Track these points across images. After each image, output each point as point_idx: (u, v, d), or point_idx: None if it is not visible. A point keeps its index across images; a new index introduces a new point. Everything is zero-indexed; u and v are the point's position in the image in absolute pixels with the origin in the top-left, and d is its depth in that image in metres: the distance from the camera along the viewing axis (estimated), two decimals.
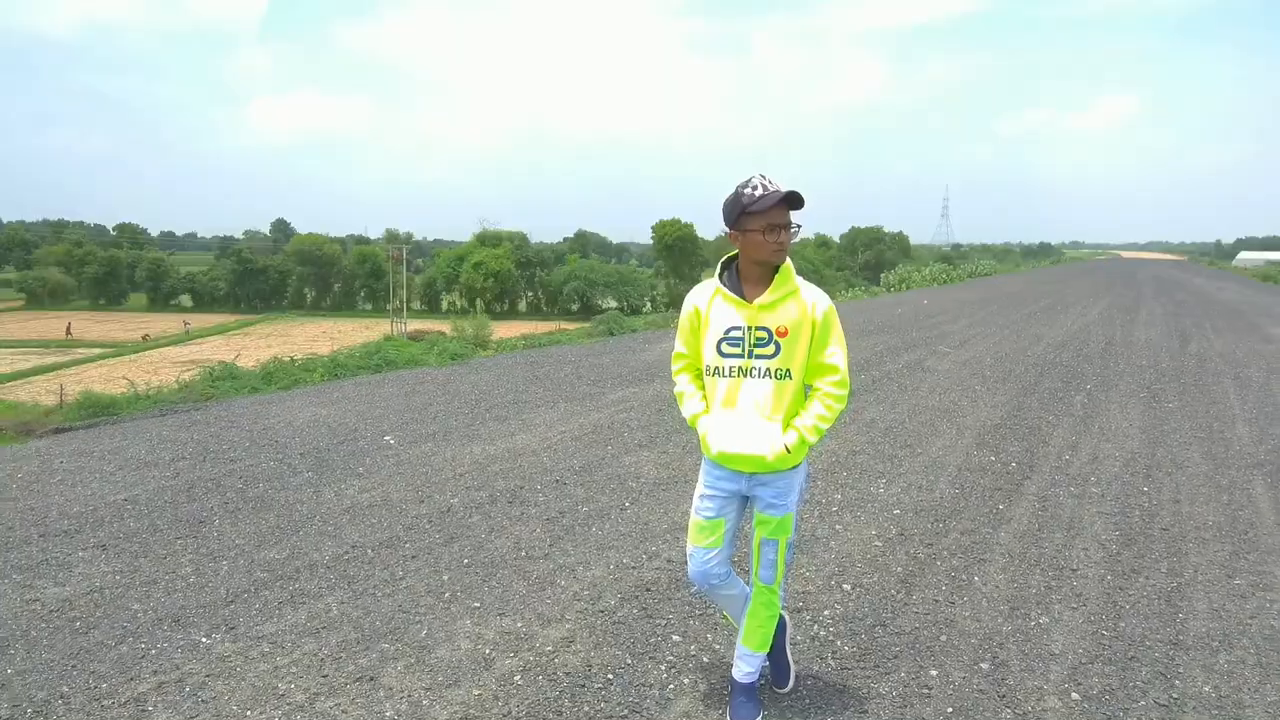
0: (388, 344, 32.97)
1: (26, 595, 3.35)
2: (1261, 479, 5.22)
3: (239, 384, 21.87)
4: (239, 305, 65.74)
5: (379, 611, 3.17)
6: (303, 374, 12.84)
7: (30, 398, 34.69)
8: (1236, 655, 2.99)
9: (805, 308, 2.32)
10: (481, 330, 41.22)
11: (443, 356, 15.95)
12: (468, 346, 33.11)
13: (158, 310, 66.36)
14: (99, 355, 46.20)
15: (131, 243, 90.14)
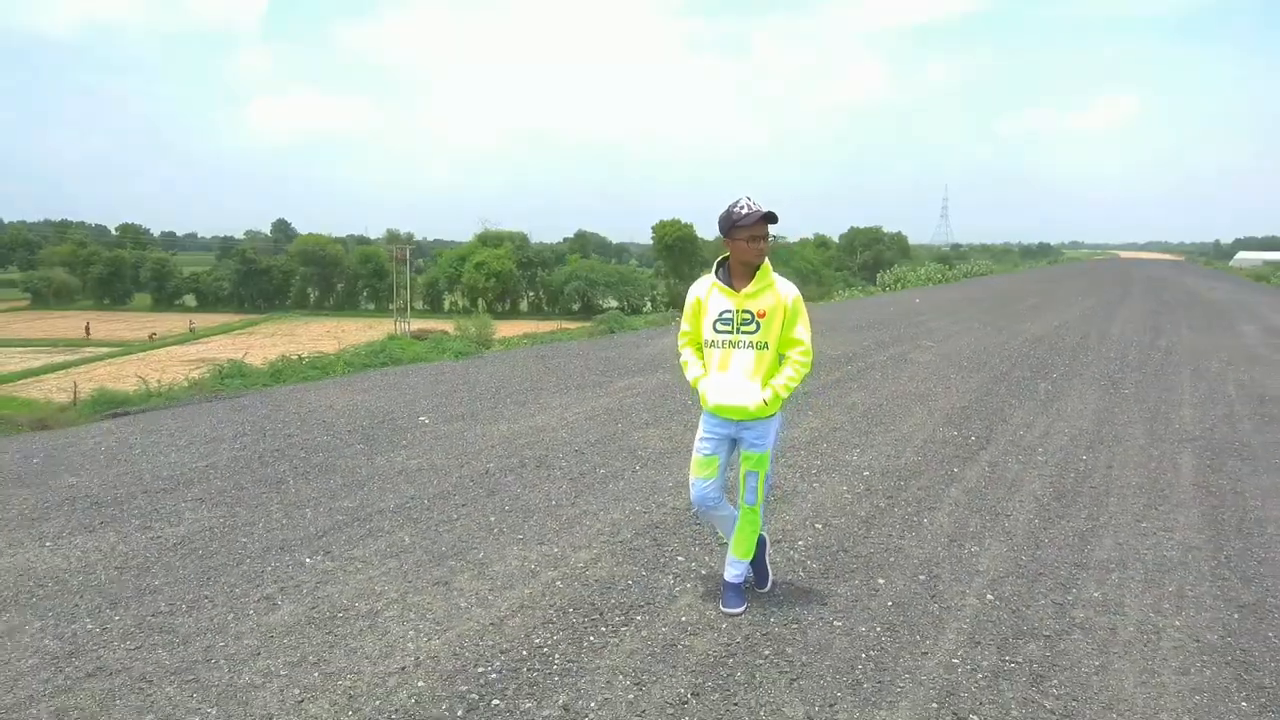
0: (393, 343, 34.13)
1: (150, 534, 4.13)
2: (1190, 451, 6.01)
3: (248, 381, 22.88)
4: (243, 305, 66.51)
5: (442, 541, 3.96)
6: (311, 371, 13.63)
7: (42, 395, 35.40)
8: (1127, 574, 3.77)
9: (779, 296, 3.10)
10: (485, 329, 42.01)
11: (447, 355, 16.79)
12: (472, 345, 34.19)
13: (162, 310, 67.12)
14: (107, 354, 46.96)
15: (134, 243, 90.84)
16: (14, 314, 66.97)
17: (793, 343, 3.13)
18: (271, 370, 26.23)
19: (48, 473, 5.26)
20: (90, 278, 67.75)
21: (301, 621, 3.13)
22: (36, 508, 4.51)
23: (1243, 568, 3.86)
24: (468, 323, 45.00)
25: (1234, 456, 5.87)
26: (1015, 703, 2.67)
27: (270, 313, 65.71)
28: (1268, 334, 14.51)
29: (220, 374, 26.72)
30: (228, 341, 50.78)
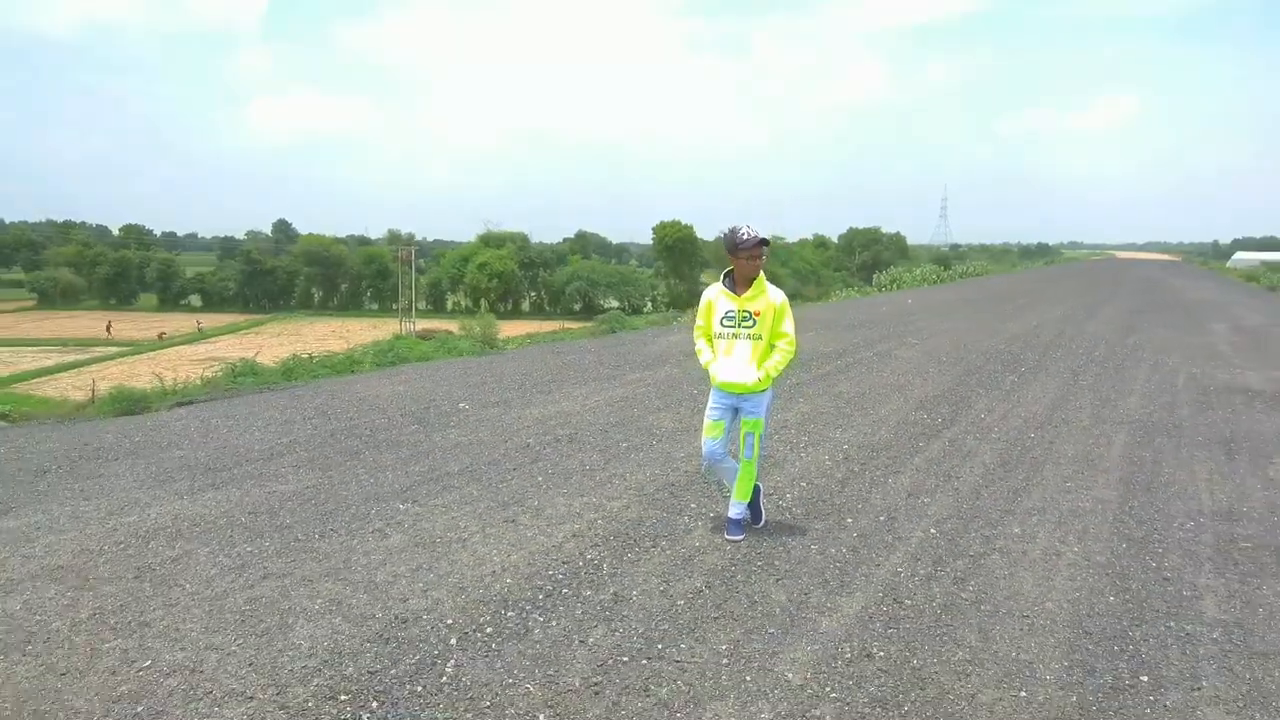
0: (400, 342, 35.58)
1: (266, 490, 5.15)
2: (1126, 430, 7.04)
3: (260, 379, 24.26)
4: (247, 305, 67.49)
5: (503, 493, 4.98)
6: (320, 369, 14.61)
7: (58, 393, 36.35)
8: (1045, 518, 4.79)
9: (770, 300, 4.12)
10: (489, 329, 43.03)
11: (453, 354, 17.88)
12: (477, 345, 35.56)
13: (167, 310, 68.09)
14: (118, 353, 47.94)
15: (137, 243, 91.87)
16: (21, 314, 67.93)
17: (780, 335, 4.16)
18: (283, 369, 27.59)
19: (153, 448, 6.28)
20: (96, 278, 68.73)
21: (410, 544, 4.15)
22: (160, 473, 5.53)
23: (1140, 515, 4.89)
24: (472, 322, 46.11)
25: (1163, 435, 6.90)
26: (940, 594, 3.69)
27: (275, 313, 66.68)
28: (1235, 333, 15.53)
29: (233, 372, 28.17)
30: (235, 341, 51.77)
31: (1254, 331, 15.94)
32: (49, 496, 5.00)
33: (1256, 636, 3.42)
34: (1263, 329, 16.50)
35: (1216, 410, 8.00)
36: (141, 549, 4.09)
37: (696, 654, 3.12)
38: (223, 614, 3.38)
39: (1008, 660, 3.13)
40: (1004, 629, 3.38)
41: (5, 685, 2.85)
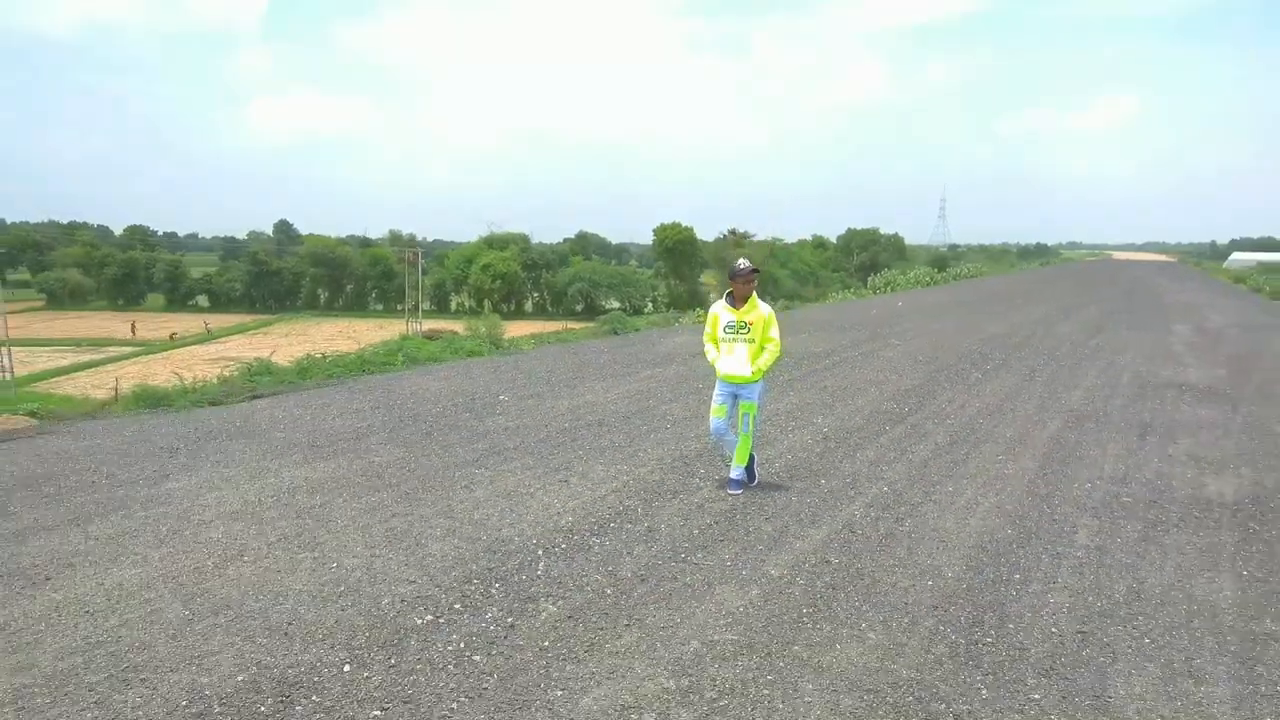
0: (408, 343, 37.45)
1: (364, 461, 6.54)
2: (1061, 418, 8.46)
3: (276, 379, 26.15)
4: (254, 306, 68.87)
5: (552, 463, 6.39)
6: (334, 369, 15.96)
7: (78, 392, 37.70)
8: (975, 481, 6.20)
9: (760, 313, 5.53)
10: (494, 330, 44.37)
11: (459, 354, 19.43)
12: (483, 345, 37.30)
13: (175, 310, 69.46)
14: (131, 353, 49.30)
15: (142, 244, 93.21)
16: (32, 314, 69.22)
17: (768, 340, 5.57)
18: (298, 368, 29.43)
19: (256, 431, 7.68)
20: (105, 279, 70.09)
21: (492, 496, 5.56)
22: (273, 449, 6.93)
23: (1050, 479, 6.30)
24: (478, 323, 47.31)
25: (1092, 422, 8.32)
26: (884, 528, 5.10)
27: (281, 313, 68.04)
28: (1196, 334, 16.96)
29: (250, 371, 30.12)
30: (244, 341, 53.14)
31: (1215, 332, 17.37)
32: (191, 468, 6.40)
33: (1110, 555, 4.83)
34: (1223, 330, 17.94)
35: (1147, 402, 9.42)
36: (290, 500, 5.50)
37: (708, 561, 4.53)
38: (372, 538, 4.79)
39: (923, 565, 4.55)
40: (925, 548, 4.79)
41: (237, 578, 4.25)
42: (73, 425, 8.40)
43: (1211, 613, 4.09)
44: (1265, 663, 3.60)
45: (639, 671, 3.37)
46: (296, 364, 27.58)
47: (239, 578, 4.23)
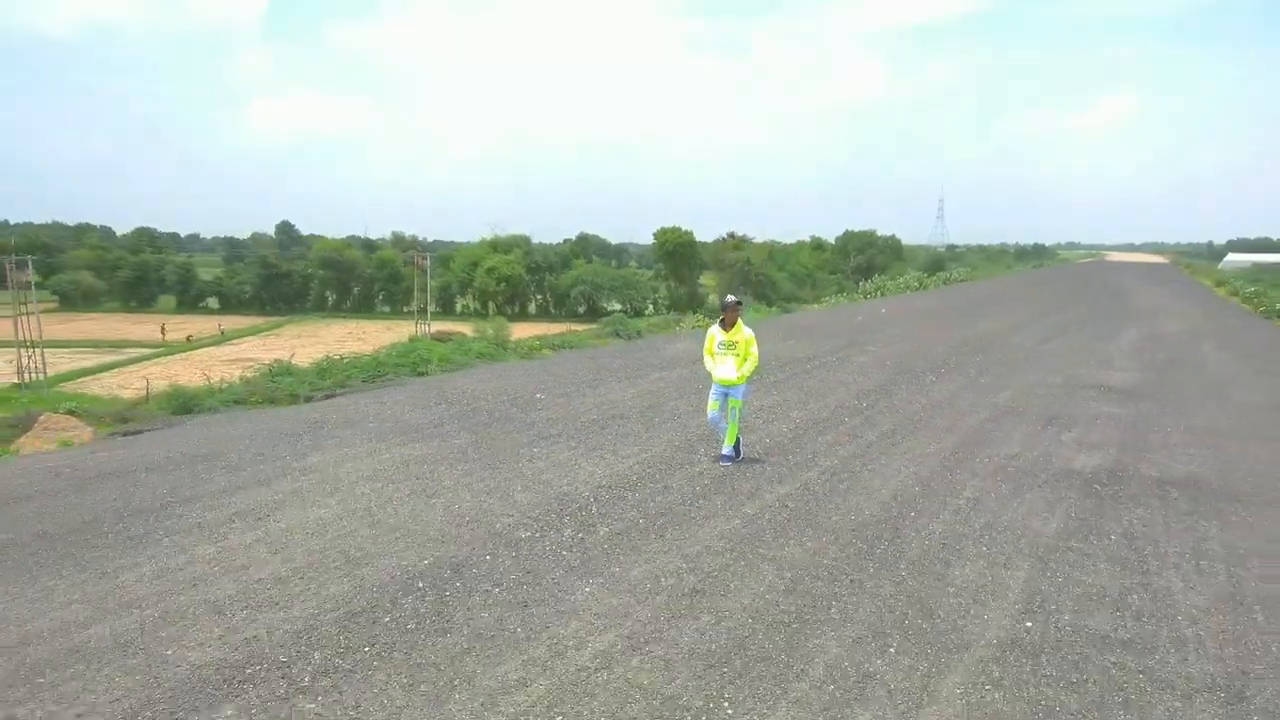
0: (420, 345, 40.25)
1: (445, 445, 8.73)
2: (988, 411, 10.67)
3: (297, 380, 28.86)
4: (264, 308, 70.98)
5: (589, 444, 8.60)
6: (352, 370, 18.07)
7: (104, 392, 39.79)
8: (905, 456, 8.40)
9: (744, 335, 7.77)
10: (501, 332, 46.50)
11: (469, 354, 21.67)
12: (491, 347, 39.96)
13: (185, 312, 71.53)
14: (151, 355, 51.42)
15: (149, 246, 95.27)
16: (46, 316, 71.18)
17: (749, 354, 7.78)
18: (318, 370, 32.09)
19: (352, 422, 9.87)
20: (117, 281, 72.18)
21: (549, 466, 7.77)
22: (374, 434, 9.12)
23: (960, 456, 8.50)
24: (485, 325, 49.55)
25: (1010, 415, 10.53)
26: (830, 487, 7.30)
27: (290, 315, 70.15)
28: (1143, 339, 19.19)
29: (271, 373, 33.13)
30: (258, 342, 55.27)
31: (1158, 338, 19.59)
32: (320, 449, 8.58)
33: (981, 504, 7.03)
34: (1168, 336, 20.17)
35: (1064, 400, 11.64)
36: (406, 469, 7.70)
37: (706, 505, 6.74)
38: (474, 491, 7.00)
39: (852, 507, 6.75)
40: (855, 498, 7.00)
41: (395, 514, 6.43)
42: (188, 419, 10.60)
43: (1036, 537, 6.29)
44: (1055, 561, 5.80)
45: (663, 560, 5.57)
46: (316, 366, 30.56)
47: (396, 513, 6.43)
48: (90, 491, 7.02)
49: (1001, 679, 4.18)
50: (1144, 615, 4.98)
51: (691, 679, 4.08)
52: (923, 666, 4.27)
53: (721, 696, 3.94)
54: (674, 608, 4.86)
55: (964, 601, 5.07)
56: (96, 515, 6.36)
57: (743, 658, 4.31)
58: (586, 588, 5.12)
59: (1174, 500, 7.23)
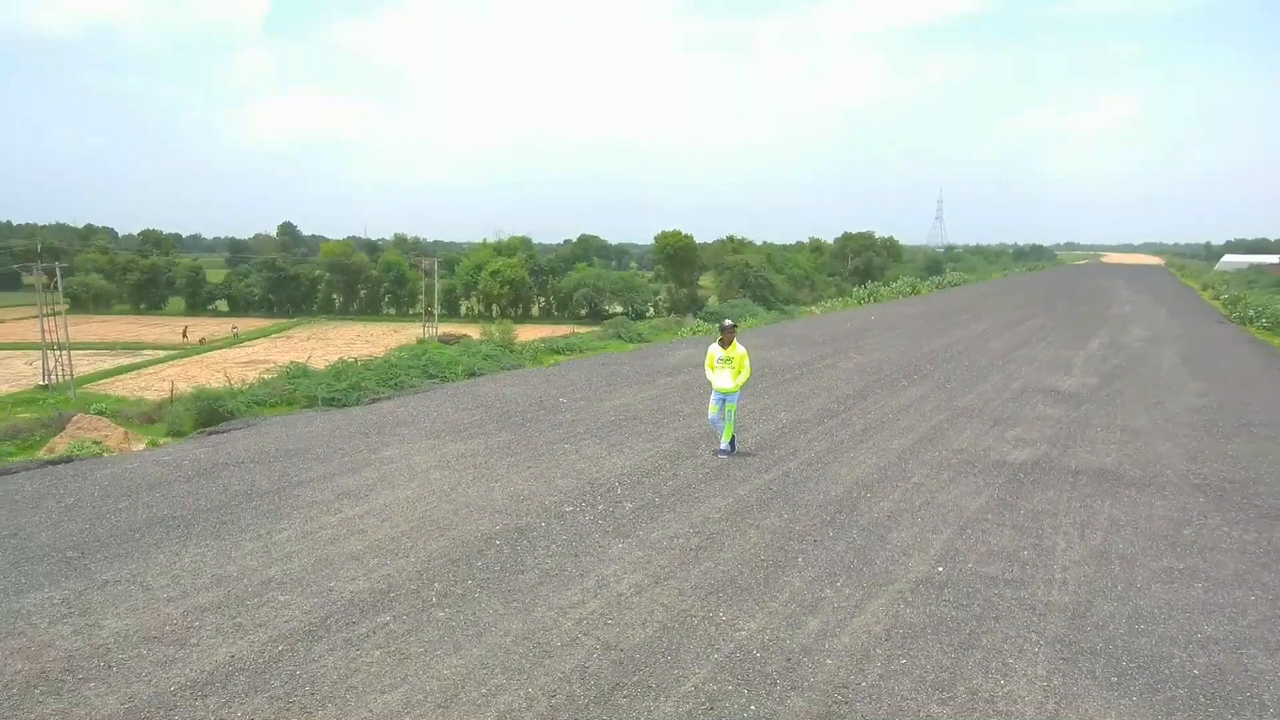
0: (431, 348, 42.42)
1: (492, 440, 10.60)
2: (947, 414, 12.54)
3: (314, 381, 31.04)
4: (272, 310, 72.79)
5: (611, 441, 10.47)
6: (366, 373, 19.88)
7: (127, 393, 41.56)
8: (871, 450, 10.27)
9: (739, 351, 9.66)
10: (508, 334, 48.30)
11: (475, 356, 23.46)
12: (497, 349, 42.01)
13: (196, 315, 73.34)
14: (166, 357, 53.21)
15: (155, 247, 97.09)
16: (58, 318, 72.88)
17: (743, 368, 9.66)
18: (334, 372, 34.28)
19: (407, 423, 11.73)
20: (127, 284, 74.01)
21: (580, 459, 9.65)
22: (429, 432, 10.98)
23: (916, 450, 10.36)
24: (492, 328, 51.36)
25: (966, 416, 12.41)
26: (806, 474, 9.18)
27: (298, 317, 71.96)
28: (1103, 347, 21.07)
29: (288, 374, 35.50)
30: (269, 345, 57.10)
31: (1121, 346, 21.48)
32: (388, 444, 10.44)
33: (925, 487, 8.90)
34: (1130, 344, 22.05)
35: (1016, 403, 13.53)
36: (465, 460, 9.57)
37: (707, 488, 8.61)
38: (524, 477, 8.87)
39: (822, 490, 8.62)
40: (825, 483, 8.87)
41: (465, 494, 8.29)
42: (262, 421, 12.47)
43: (962, 512, 8.16)
44: (971, 528, 7.66)
45: (675, 526, 7.45)
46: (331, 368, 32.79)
47: (465, 493, 8.30)
48: (215, 479, 8.89)
49: (912, 601, 6.05)
50: (1028, 565, 6.85)
51: (696, 600, 5.95)
52: (859, 594, 6.14)
53: (717, 610, 5.81)
54: (683, 558, 6.74)
55: (896, 554, 6.94)
56: (232, 496, 8.23)
57: (732, 588, 6.18)
58: (619, 545, 6.99)
59: (1081, 485, 9.11)
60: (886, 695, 4.78)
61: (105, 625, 5.47)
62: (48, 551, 6.78)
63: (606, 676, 4.89)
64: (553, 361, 19.59)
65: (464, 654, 5.13)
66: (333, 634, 5.36)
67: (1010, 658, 5.26)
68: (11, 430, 31.06)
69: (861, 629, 5.59)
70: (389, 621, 5.54)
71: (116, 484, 8.70)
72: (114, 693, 4.67)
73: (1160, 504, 8.50)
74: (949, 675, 5.02)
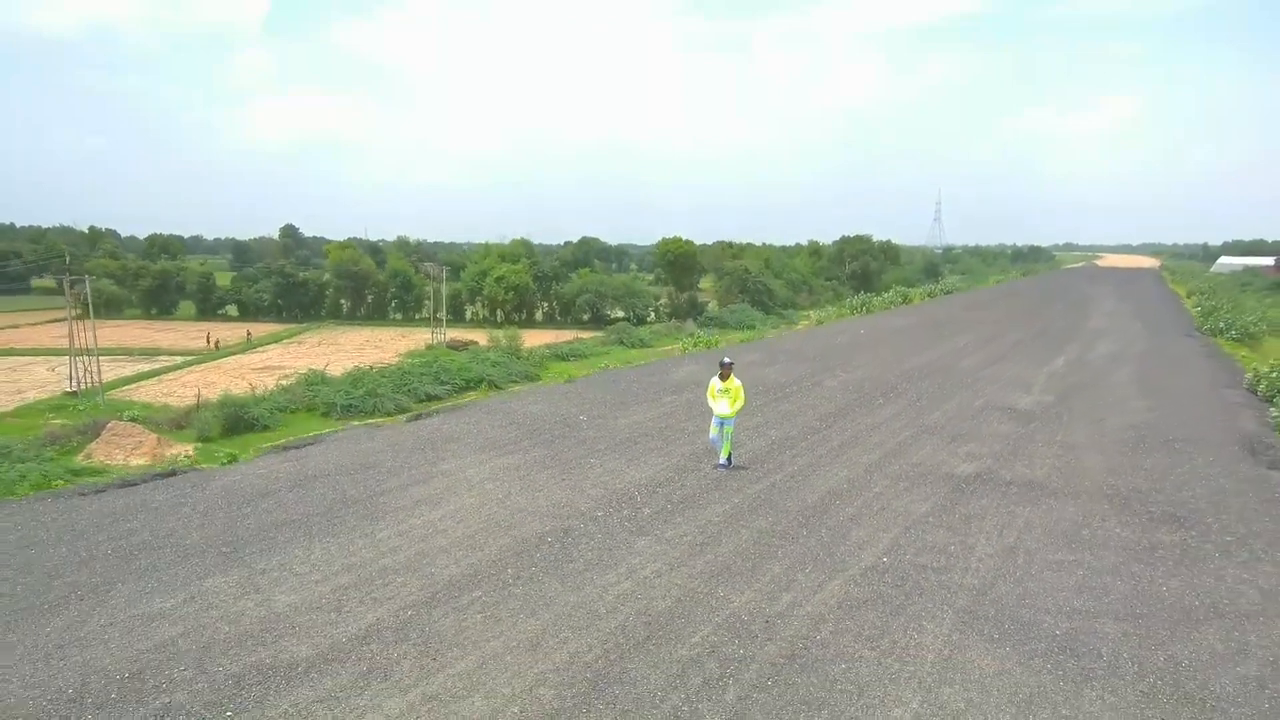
0: (441, 355, 45.26)
1: (529, 455, 12.80)
2: (912, 431, 14.75)
3: (332, 389, 33.59)
4: (280, 314, 74.90)
5: (628, 455, 12.68)
6: (381, 380, 21.87)
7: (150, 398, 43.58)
8: (845, 464, 12.48)
9: (736, 384, 11.90)
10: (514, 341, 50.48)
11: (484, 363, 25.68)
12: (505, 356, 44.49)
13: (206, 319, 75.45)
14: (184, 362, 55.33)
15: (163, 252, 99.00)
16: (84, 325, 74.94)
17: (738, 397, 11.89)
18: (351, 379, 36.68)
19: (457, 439, 13.93)
20: (139, 290, 76.12)
21: (604, 471, 11.86)
22: (475, 448, 13.18)
23: (881, 464, 12.58)
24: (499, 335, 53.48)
25: (929, 433, 14.62)
26: (789, 484, 11.39)
27: (307, 322, 74.10)
28: (1068, 364, 23.28)
29: (307, 381, 37.99)
30: (282, 350, 59.23)
31: (1085, 363, 23.69)
32: (444, 459, 12.63)
33: (883, 495, 11.10)
34: (1094, 360, 24.27)
35: (976, 420, 15.74)
36: (510, 473, 11.77)
37: (709, 495, 10.82)
38: (561, 487, 11.07)
39: (802, 498, 10.83)
40: (804, 492, 11.08)
41: (517, 501, 10.49)
42: (327, 437, 14.68)
43: (909, 515, 10.36)
44: (915, 529, 9.87)
45: (684, 526, 9.65)
46: (349, 376, 35.42)
47: (517, 501, 10.50)
48: (311, 489, 11.09)
49: (860, 582, 8.25)
50: (952, 556, 9.06)
51: (702, 581, 8.16)
52: (821, 578, 8.35)
53: (716, 589, 8.01)
54: (691, 551, 8.95)
55: (853, 548, 9.15)
56: (331, 503, 10.43)
57: (727, 573, 8.39)
58: (642, 541, 9.20)
59: (1010, 494, 11.33)
60: (833, 644, 6.99)
61: (277, 599, 7.68)
62: (205, 548, 8.99)
63: (640, 632, 7.10)
64: (559, 368, 21.78)
65: (538, 617, 7.35)
66: (443, 604, 7.57)
67: (925, 621, 7.47)
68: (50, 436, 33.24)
69: (820, 602, 7.80)
70: (480, 595, 7.75)
71: (232, 494, 10.91)
72: (303, 644, 6.87)
73: (1071, 509, 10.72)
74: (879, 631, 7.24)
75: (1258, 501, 11.22)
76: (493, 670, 6.47)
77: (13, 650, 6.78)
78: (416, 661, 6.59)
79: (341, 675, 6.39)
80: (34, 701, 6.04)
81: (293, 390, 37.98)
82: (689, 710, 5.97)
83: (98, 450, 33.56)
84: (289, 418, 30.86)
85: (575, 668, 6.52)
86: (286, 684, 6.26)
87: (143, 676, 6.36)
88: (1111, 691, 6.40)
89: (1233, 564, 9.01)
